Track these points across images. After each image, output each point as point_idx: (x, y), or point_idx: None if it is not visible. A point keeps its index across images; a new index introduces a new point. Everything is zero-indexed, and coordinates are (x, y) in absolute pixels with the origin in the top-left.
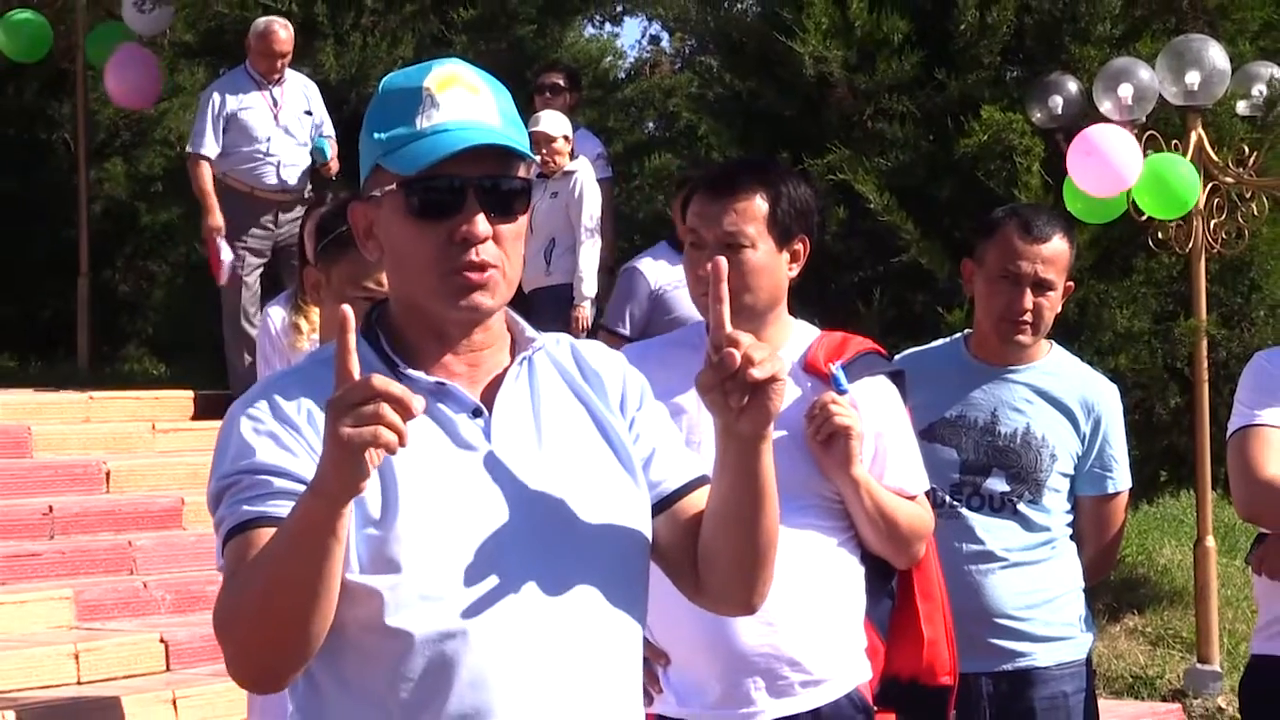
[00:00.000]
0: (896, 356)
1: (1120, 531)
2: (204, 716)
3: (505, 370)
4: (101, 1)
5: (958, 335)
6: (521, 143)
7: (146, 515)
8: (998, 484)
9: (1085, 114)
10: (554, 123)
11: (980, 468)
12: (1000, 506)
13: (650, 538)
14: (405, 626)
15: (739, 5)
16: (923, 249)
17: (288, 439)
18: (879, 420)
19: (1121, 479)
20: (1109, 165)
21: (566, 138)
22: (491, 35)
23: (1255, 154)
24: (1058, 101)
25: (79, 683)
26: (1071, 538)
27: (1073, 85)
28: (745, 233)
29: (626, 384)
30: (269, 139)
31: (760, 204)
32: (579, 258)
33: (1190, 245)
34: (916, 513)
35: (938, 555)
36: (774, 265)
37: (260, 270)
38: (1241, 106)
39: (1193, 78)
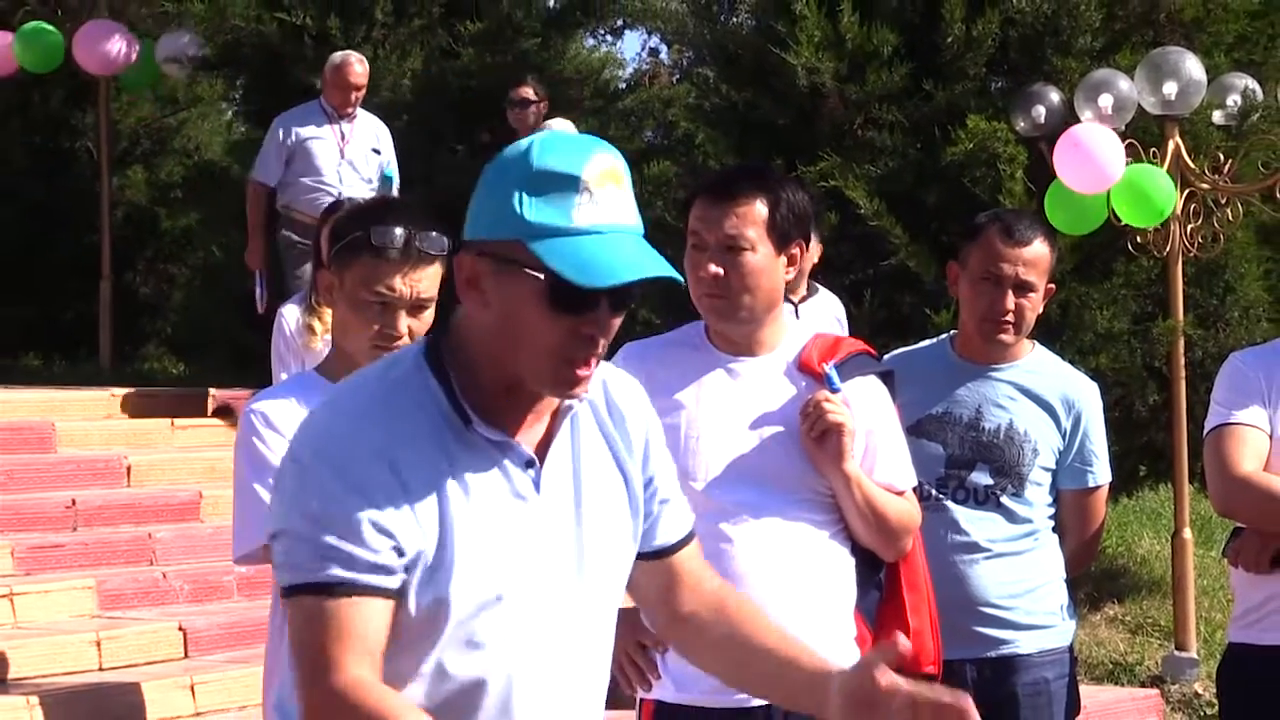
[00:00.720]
0: (885, 356)
1: (1101, 524)
2: (220, 702)
3: (554, 419)
4: (123, 15)
5: (944, 335)
6: (664, 261)
7: (166, 508)
8: (982, 478)
9: (1067, 123)
10: (565, 130)
11: (965, 462)
12: (984, 499)
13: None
14: (446, 668)
15: (735, 19)
16: (911, 253)
17: (373, 487)
18: (869, 418)
19: (1102, 473)
20: (1094, 162)
21: None
22: (497, 48)
23: (1230, 161)
24: (1040, 111)
25: (100, 669)
26: (1054, 530)
27: (1055, 95)
28: (746, 235)
29: (650, 433)
30: (337, 170)
31: (760, 209)
32: None
33: (1168, 249)
34: (905, 508)
35: (924, 547)
36: (772, 268)
37: None
38: (1217, 116)
39: (1170, 88)
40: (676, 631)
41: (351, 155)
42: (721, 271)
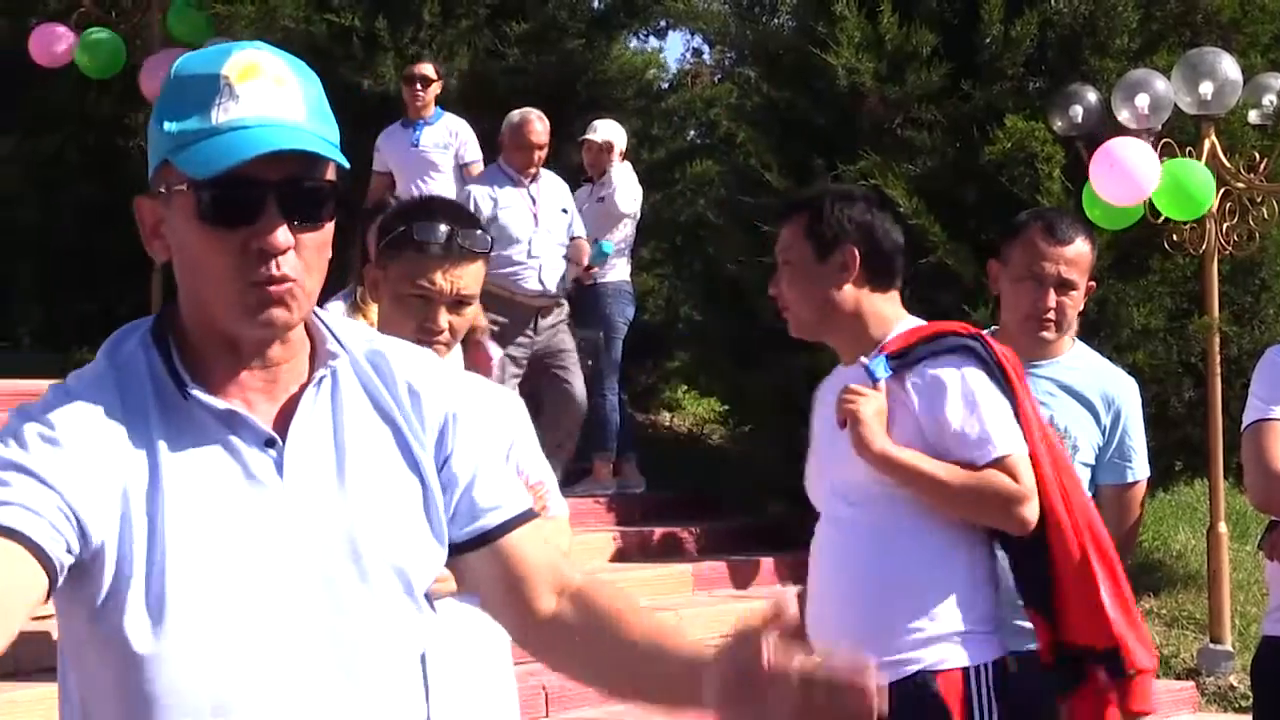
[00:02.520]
0: None
1: (1139, 518)
2: None
3: (303, 389)
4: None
5: (984, 331)
6: (329, 141)
7: None
8: None
9: (1104, 123)
10: (610, 131)
11: None
12: None
13: (429, 581)
14: (167, 688)
15: (776, 20)
16: (949, 250)
17: (61, 458)
18: (931, 404)
19: (1140, 469)
20: (1130, 176)
21: (622, 152)
22: (542, 48)
23: (1265, 160)
24: (1078, 111)
25: None
26: None
27: (1092, 95)
28: (787, 250)
29: (456, 413)
30: (530, 240)
31: (800, 222)
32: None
33: (1204, 247)
34: (979, 477)
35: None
36: (816, 273)
37: (519, 382)
38: (1253, 115)
39: (1206, 88)
40: (538, 637)
41: (544, 220)
42: (779, 290)
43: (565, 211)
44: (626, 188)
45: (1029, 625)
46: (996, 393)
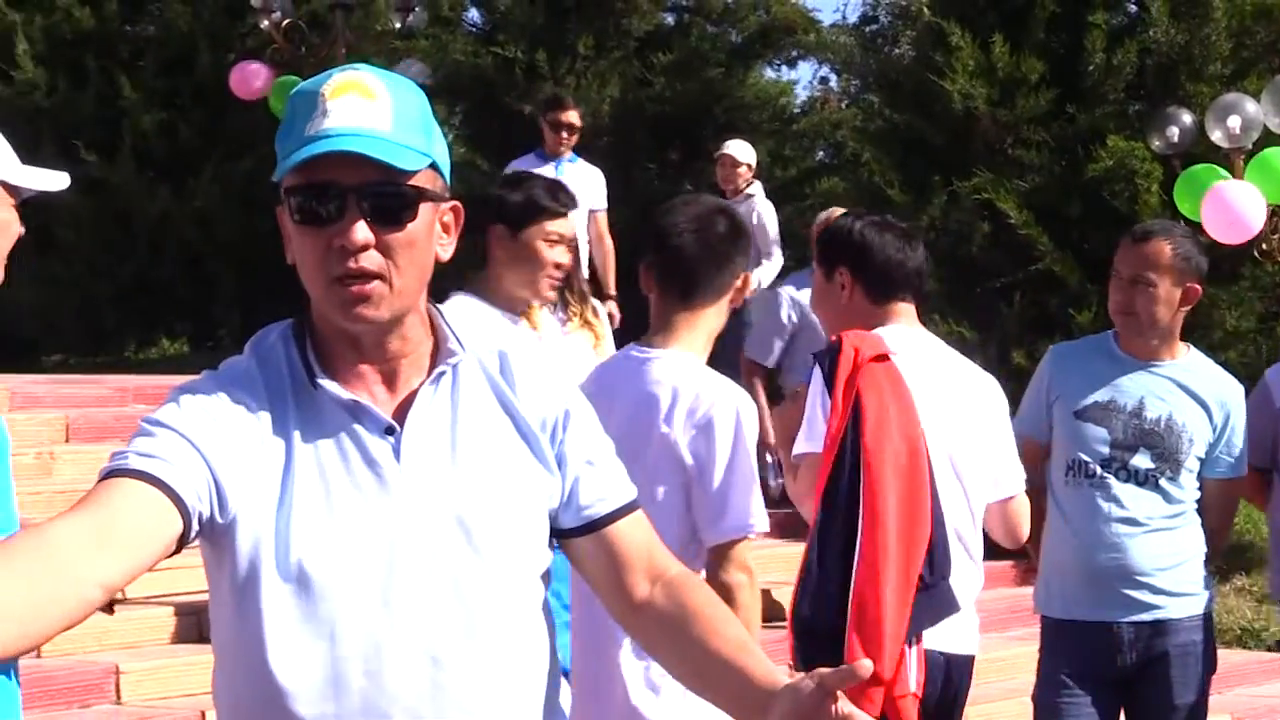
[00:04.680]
0: (1050, 348)
1: (1235, 506)
2: None
3: (422, 384)
4: (357, 49)
5: (1107, 332)
6: (414, 149)
7: None
8: (1144, 461)
9: (1198, 142)
10: (741, 150)
11: (1128, 446)
12: (1144, 481)
13: (540, 554)
14: (293, 660)
15: (897, 50)
16: (1056, 259)
17: (212, 410)
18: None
19: (1242, 465)
20: (1239, 219)
21: (750, 165)
22: (685, 77)
23: None
24: (1174, 131)
25: None
26: (1196, 510)
27: (1187, 117)
28: (815, 275)
29: (570, 410)
30: None
31: (817, 254)
32: (760, 273)
33: None
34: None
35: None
36: (828, 294)
37: None
38: None
39: None
40: (633, 620)
41: None
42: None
43: None
44: (765, 208)
45: (1144, 598)
46: (817, 396)
